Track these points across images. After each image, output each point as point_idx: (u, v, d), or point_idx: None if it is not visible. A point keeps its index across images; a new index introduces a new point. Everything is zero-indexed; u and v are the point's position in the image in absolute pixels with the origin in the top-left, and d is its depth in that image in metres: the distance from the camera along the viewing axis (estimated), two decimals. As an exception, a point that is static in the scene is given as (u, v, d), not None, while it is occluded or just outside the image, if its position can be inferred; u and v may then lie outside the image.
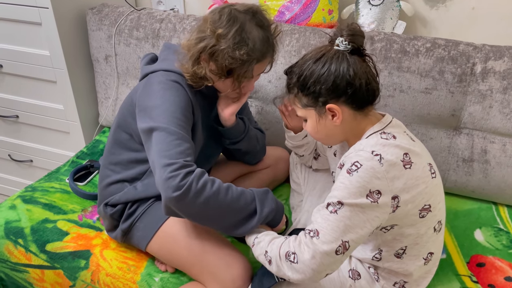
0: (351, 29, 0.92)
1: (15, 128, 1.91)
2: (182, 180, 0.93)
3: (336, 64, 0.91)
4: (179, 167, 0.94)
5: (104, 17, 1.64)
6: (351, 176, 0.88)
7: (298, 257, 0.89)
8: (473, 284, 1.16)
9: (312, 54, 0.95)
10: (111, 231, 1.21)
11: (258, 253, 1.00)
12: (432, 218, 0.96)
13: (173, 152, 0.96)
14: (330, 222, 0.88)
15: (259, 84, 1.49)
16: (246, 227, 1.03)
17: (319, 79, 0.92)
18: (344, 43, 0.92)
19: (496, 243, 1.29)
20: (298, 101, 0.98)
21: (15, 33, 1.64)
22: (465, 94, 1.33)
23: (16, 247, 1.27)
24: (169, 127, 1.00)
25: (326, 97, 0.93)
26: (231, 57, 1.03)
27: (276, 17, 1.60)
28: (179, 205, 0.95)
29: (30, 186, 1.47)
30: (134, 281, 1.17)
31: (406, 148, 0.91)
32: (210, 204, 0.97)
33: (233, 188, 1.01)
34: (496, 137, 1.35)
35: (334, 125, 0.96)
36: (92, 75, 1.78)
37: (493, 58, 1.30)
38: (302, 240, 0.90)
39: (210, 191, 0.96)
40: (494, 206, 1.43)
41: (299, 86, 0.96)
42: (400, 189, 0.88)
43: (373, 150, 0.89)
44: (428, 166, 0.95)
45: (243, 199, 1.01)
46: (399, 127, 0.98)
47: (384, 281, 1.01)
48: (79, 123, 1.77)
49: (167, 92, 1.06)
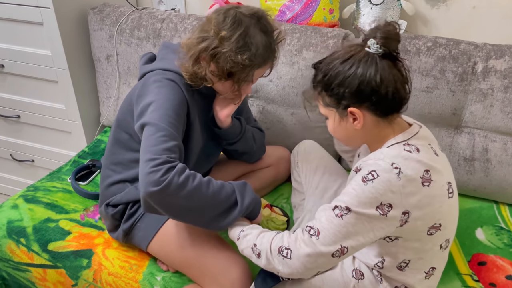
0: (386, 32, 0.87)
1: (16, 128, 1.91)
2: (163, 176, 0.92)
3: (364, 68, 0.87)
4: (161, 163, 0.93)
5: (106, 16, 1.64)
6: (365, 185, 0.85)
7: (292, 253, 0.89)
8: (474, 283, 1.16)
9: (341, 53, 0.91)
10: (113, 231, 1.21)
11: (244, 246, 0.99)
12: (440, 236, 0.93)
13: (158, 148, 0.95)
14: (333, 225, 0.87)
15: (260, 83, 1.49)
16: (229, 219, 1.02)
17: (344, 82, 0.88)
18: (376, 46, 0.87)
19: (497, 242, 1.29)
20: (321, 99, 0.95)
21: (17, 33, 1.64)
22: (466, 93, 1.33)
23: (19, 246, 1.27)
24: (159, 124, 0.99)
25: (349, 101, 0.89)
26: (232, 61, 1.02)
27: (277, 16, 1.60)
28: (159, 200, 0.94)
29: (32, 186, 1.47)
30: (136, 280, 1.17)
31: (428, 165, 0.87)
32: (193, 198, 0.96)
33: (213, 182, 1.01)
34: (497, 136, 1.35)
35: (355, 128, 0.93)
36: (93, 75, 1.78)
37: (494, 57, 1.30)
38: (299, 237, 0.90)
39: (192, 185, 0.95)
40: (496, 205, 1.43)
41: (323, 85, 0.92)
42: (413, 205, 0.86)
43: (393, 162, 0.85)
44: (447, 185, 0.91)
45: (223, 191, 1.01)
46: (425, 139, 0.94)
47: (386, 283, 1.01)
48: (80, 122, 1.77)
49: (161, 89, 1.06)
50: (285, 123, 1.53)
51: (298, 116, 1.50)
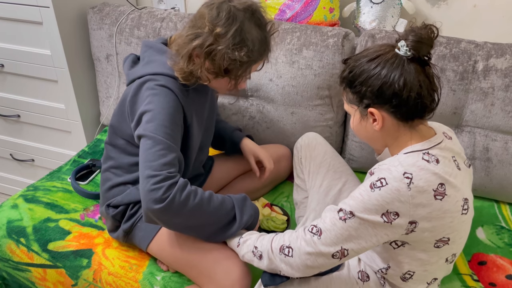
0: (419, 35, 0.85)
1: (16, 128, 1.91)
2: (165, 193, 0.92)
3: (389, 69, 0.85)
4: (162, 179, 0.93)
5: (105, 16, 1.64)
6: (372, 192, 0.84)
7: (294, 251, 0.89)
8: (474, 282, 1.16)
9: (370, 51, 0.90)
10: (113, 232, 1.21)
11: (244, 251, 1.00)
12: (447, 250, 0.91)
13: (157, 164, 0.95)
14: (335, 228, 0.87)
15: (260, 83, 1.49)
16: (226, 234, 1.05)
17: (367, 81, 0.87)
18: (405, 48, 0.85)
19: (498, 241, 1.28)
20: (345, 94, 0.95)
21: (16, 32, 1.64)
22: (467, 92, 1.32)
23: (18, 246, 1.27)
24: (156, 136, 0.98)
25: (370, 101, 0.88)
26: (230, 58, 1.00)
27: (277, 15, 1.60)
28: (161, 216, 0.95)
29: (32, 186, 1.47)
30: (136, 280, 1.17)
31: (444, 178, 0.85)
32: (194, 215, 0.98)
33: (214, 197, 1.02)
34: (498, 135, 1.35)
35: (374, 129, 0.92)
36: (93, 74, 1.78)
37: (494, 56, 1.29)
38: (301, 235, 0.90)
39: (193, 202, 0.96)
40: (496, 204, 1.43)
41: (348, 82, 0.92)
42: (422, 216, 0.84)
43: (406, 172, 0.83)
44: (462, 201, 0.89)
45: (223, 208, 1.03)
46: (449, 151, 0.91)
47: (390, 287, 1.01)
48: (80, 122, 1.77)
49: (155, 98, 1.03)
50: (285, 122, 1.52)
51: (298, 115, 1.50)
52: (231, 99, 1.58)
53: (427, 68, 0.88)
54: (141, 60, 1.15)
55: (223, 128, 1.42)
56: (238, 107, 1.57)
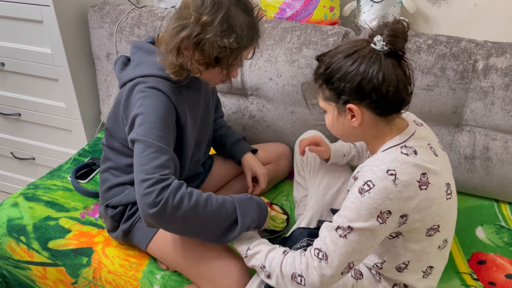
0: (394, 29, 0.85)
1: (17, 126, 1.91)
2: (158, 196, 0.90)
3: (367, 64, 0.85)
4: (154, 183, 0.91)
5: (105, 14, 1.64)
6: (363, 197, 0.85)
7: (306, 281, 0.89)
8: (474, 281, 1.16)
9: (346, 47, 0.89)
10: (112, 232, 1.22)
11: (252, 264, 1.00)
12: (439, 237, 0.93)
13: (150, 167, 0.93)
14: (339, 247, 0.87)
15: (260, 81, 1.49)
16: (228, 238, 1.01)
17: (345, 77, 0.86)
18: (382, 43, 0.85)
19: (497, 241, 1.28)
20: (321, 92, 0.93)
21: (17, 31, 1.64)
22: (467, 91, 1.32)
23: (19, 244, 1.27)
24: (148, 139, 0.96)
25: (349, 96, 0.88)
26: (219, 46, 0.96)
27: (277, 14, 1.60)
28: (157, 221, 0.93)
29: (32, 184, 1.48)
30: (136, 278, 1.17)
31: (425, 168, 0.87)
32: (188, 219, 0.94)
33: (213, 199, 0.98)
34: (498, 134, 1.35)
35: (352, 125, 0.91)
36: (93, 73, 1.78)
37: (495, 55, 1.29)
38: (310, 264, 0.89)
39: (188, 205, 0.93)
40: (496, 204, 1.43)
41: (325, 78, 0.90)
42: (412, 209, 0.86)
43: (389, 169, 0.85)
44: (445, 187, 0.91)
45: (223, 210, 0.99)
46: (423, 139, 0.92)
47: (386, 283, 1.01)
48: (81, 121, 1.77)
49: (146, 100, 1.02)
50: (285, 121, 1.52)
51: (298, 114, 1.50)
52: (230, 97, 1.58)
53: (402, 62, 0.88)
54: (131, 62, 1.13)
55: (225, 137, 1.41)
56: (238, 106, 1.57)
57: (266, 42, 1.46)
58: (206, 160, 1.39)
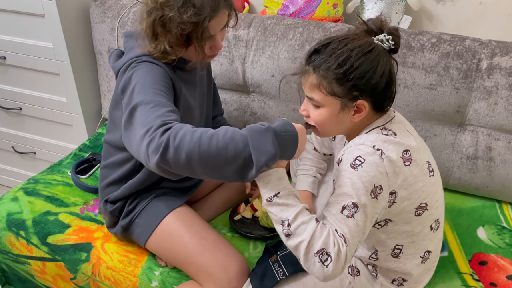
0: (392, 28, 0.89)
1: (18, 120, 1.91)
2: (160, 138, 0.81)
3: (383, 62, 0.87)
4: (156, 128, 0.83)
5: (107, 9, 1.63)
6: (356, 171, 0.85)
7: (334, 264, 0.81)
8: (475, 282, 1.15)
9: (357, 43, 0.87)
10: (111, 227, 1.21)
11: (275, 213, 0.86)
12: (428, 216, 0.95)
13: (151, 118, 0.86)
14: (351, 228, 0.83)
15: (262, 79, 1.48)
16: (246, 178, 0.84)
17: (365, 74, 0.86)
18: (390, 42, 0.88)
19: (499, 241, 1.27)
20: (325, 86, 0.88)
21: (18, 25, 1.63)
22: (470, 90, 1.31)
23: (18, 239, 1.27)
24: (145, 98, 0.92)
25: (362, 93, 0.88)
26: (181, 23, 0.96)
27: (280, 10, 1.59)
28: (163, 167, 0.82)
29: (32, 179, 1.47)
30: (135, 275, 1.17)
31: (406, 145, 0.90)
32: (192, 158, 0.80)
33: (219, 134, 0.82)
34: (501, 134, 1.34)
35: (349, 120, 0.91)
36: (95, 68, 1.77)
37: (499, 54, 1.28)
38: (341, 249, 0.81)
39: (190, 143, 0.80)
40: (498, 204, 1.42)
41: (338, 74, 0.86)
42: (399, 185, 0.88)
43: (374, 145, 0.87)
44: (427, 164, 0.93)
45: (231, 146, 0.81)
46: (400, 123, 0.96)
47: (383, 278, 1.01)
48: (81, 115, 1.77)
49: (138, 71, 1.00)
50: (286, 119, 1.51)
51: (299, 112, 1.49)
52: (231, 94, 1.57)
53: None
54: (124, 50, 1.14)
55: None
56: (240, 103, 1.57)
57: (268, 39, 1.45)
58: None
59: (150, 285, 1.15)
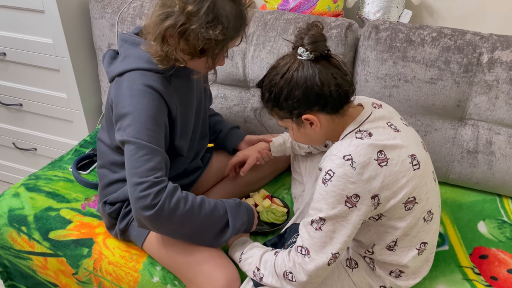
0: (311, 36, 0.89)
1: (19, 116, 1.91)
2: (154, 199, 0.92)
3: (302, 76, 0.89)
4: (149, 186, 0.92)
5: (107, 5, 1.62)
6: (326, 186, 0.89)
7: (295, 277, 0.94)
8: (476, 276, 1.16)
9: (279, 68, 0.93)
10: (111, 229, 1.21)
11: (246, 269, 1.04)
12: (420, 209, 0.95)
13: (143, 170, 0.94)
14: (316, 240, 0.91)
15: (262, 73, 1.46)
16: (220, 240, 1.06)
17: (289, 95, 0.91)
18: (306, 53, 0.89)
19: (499, 235, 1.28)
20: (275, 114, 0.98)
21: (18, 20, 1.63)
22: (471, 84, 1.31)
23: (20, 234, 1.27)
24: (139, 141, 0.96)
25: (300, 109, 0.93)
26: (204, 37, 0.93)
27: (280, 5, 1.58)
28: (152, 223, 0.95)
29: (33, 174, 1.48)
30: (136, 270, 1.17)
31: (380, 145, 0.90)
32: (184, 222, 0.97)
33: (206, 203, 1.02)
34: (501, 129, 1.34)
35: (314, 131, 0.96)
36: (95, 64, 1.77)
37: (500, 48, 1.28)
38: (296, 260, 0.94)
39: (183, 209, 0.96)
40: (499, 198, 1.42)
41: (273, 102, 0.95)
42: (379, 187, 0.89)
43: (344, 155, 0.88)
44: (409, 158, 0.92)
45: (216, 213, 1.03)
46: (380, 119, 0.95)
47: (380, 270, 1.02)
48: (82, 111, 1.77)
49: (134, 99, 0.99)
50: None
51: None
52: (232, 89, 1.57)
53: (331, 59, 0.93)
54: (119, 55, 1.11)
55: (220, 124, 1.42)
56: (240, 98, 1.56)
57: (268, 34, 1.45)
58: (204, 153, 1.38)
59: (151, 281, 1.16)
